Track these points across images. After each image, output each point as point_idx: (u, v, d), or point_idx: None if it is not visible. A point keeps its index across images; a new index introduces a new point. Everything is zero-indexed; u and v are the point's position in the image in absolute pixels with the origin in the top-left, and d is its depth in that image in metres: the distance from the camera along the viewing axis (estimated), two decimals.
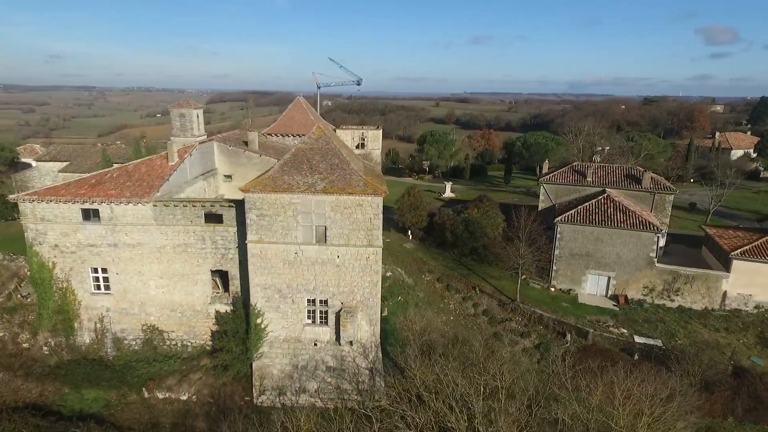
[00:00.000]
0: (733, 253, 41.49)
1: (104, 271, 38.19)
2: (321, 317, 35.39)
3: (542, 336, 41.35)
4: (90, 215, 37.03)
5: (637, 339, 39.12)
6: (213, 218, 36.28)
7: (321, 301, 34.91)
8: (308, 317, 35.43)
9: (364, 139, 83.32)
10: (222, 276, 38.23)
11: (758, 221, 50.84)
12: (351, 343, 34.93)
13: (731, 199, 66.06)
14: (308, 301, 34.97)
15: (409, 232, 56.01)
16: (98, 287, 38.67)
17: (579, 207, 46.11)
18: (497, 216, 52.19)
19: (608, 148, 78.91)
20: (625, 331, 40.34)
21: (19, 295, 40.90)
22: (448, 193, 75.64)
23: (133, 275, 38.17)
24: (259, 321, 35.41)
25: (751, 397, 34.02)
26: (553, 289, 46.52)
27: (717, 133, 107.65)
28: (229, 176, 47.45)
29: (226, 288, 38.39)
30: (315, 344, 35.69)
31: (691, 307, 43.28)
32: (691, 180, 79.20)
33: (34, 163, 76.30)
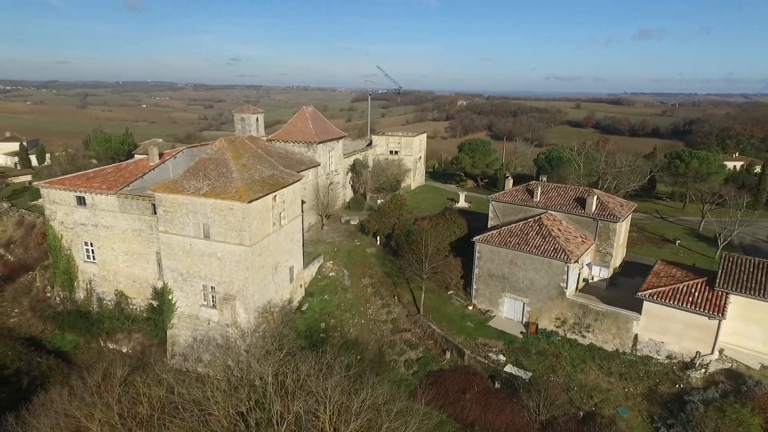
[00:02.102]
0: (640, 294, 37.47)
1: (91, 245, 49.59)
2: (213, 301, 41.95)
3: (428, 350, 42.36)
4: (81, 201, 48.51)
5: (507, 368, 38.11)
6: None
7: (211, 287, 41.47)
8: (204, 299, 42.26)
9: (398, 146, 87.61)
10: None
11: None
12: (228, 325, 40.86)
13: None
14: (203, 286, 41.79)
15: (377, 238, 59.23)
16: (88, 257, 50.28)
17: (502, 228, 45.24)
18: (447, 229, 52.80)
19: None
20: (504, 358, 39.40)
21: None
22: (461, 203, 75.78)
23: (108, 250, 48.93)
24: (170, 297, 43.32)
25: None
26: (471, 308, 46.37)
27: None
28: None
29: None
30: (209, 323, 42.43)
31: (602, 346, 39.96)
32: None
33: (136, 157, 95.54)
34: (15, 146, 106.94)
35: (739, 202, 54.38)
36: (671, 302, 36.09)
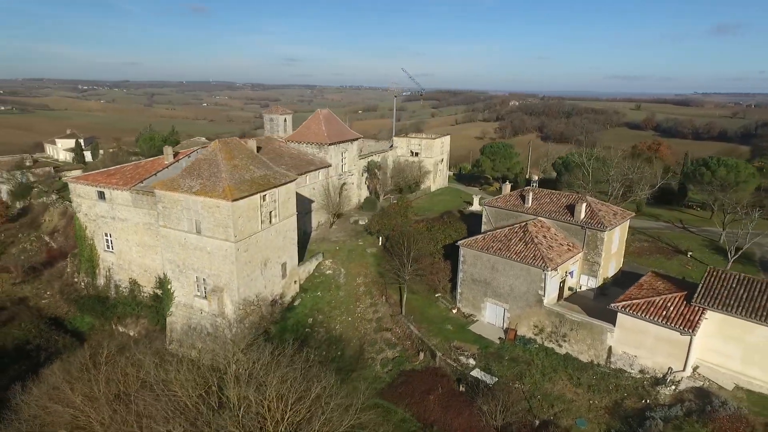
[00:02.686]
0: (613, 305, 36.57)
1: (110, 236, 54.03)
2: (204, 292, 44.82)
3: (405, 350, 43.24)
4: (101, 196, 52.98)
5: (474, 372, 38.36)
6: None
7: (203, 279, 44.35)
8: (197, 290, 45.23)
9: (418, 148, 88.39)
10: None
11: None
12: (216, 315, 43.55)
13: None
14: (196, 277, 44.76)
15: (380, 238, 60.48)
16: (107, 247, 54.78)
17: (487, 233, 45.29)
18: (442, 232, 53.28)
19: None
20: (473, 362, 39.65)
21: None
22: (475, 206, 75.31)
23: (124, 241, 53.14)
24: (169, 287, 46.67)
25: None
26: (455, 311, 46.72)
27: None
28: None
29: None
30: (201, 312, 45.38)
31: (578, 357, 39.28)
32: None
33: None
34: (73, 143, 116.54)
35: (751, 212, 51.11)
36: (643, 315, 35.10)
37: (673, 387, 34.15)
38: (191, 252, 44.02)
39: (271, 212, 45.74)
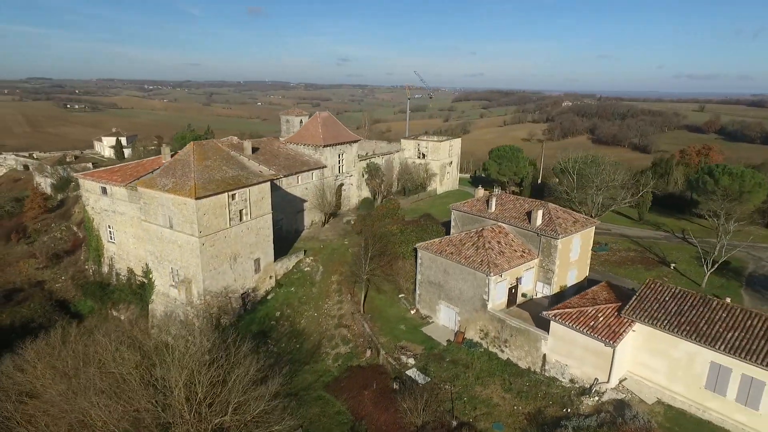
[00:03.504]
0: (545, 313, 36.45)
1: (111, 228, 59.07)
2: (177, 282, 48.38)
3: (356, 347, 44.83)
4: (104, 191, 58.05)
5: (409, 372, 39.39)
6: None
7: (176, 270, 47.92)
8: (172, 280, 48.89)
9: (425, 150, 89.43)
10: None
11: None
12: (185, 304, 46.97)
13: None
14: (171, 268, 48.41)
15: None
16: (110, 238, 59.89)
17: (444, 237, 45.98)
18: (414, 234, 54.27)
19: None
20: (413, 362, 40.66)
21: None
22: None
23: (122, 233, 57.97)
24: (150, 276, 50.71)
25: None
26: (414, 312, 47.74)
27: None
28: None
29: None
30: (175, 301, 48.99)
31: (517, 363, 39.40)
32: None
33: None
34: (115, 141, 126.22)
35: (727, 222, 48.54)
36: (571, 324, 34.92)
37: (597, 398, 33.81)
38: (166, 245, 47.73)
39: (241, 210, 48.63)
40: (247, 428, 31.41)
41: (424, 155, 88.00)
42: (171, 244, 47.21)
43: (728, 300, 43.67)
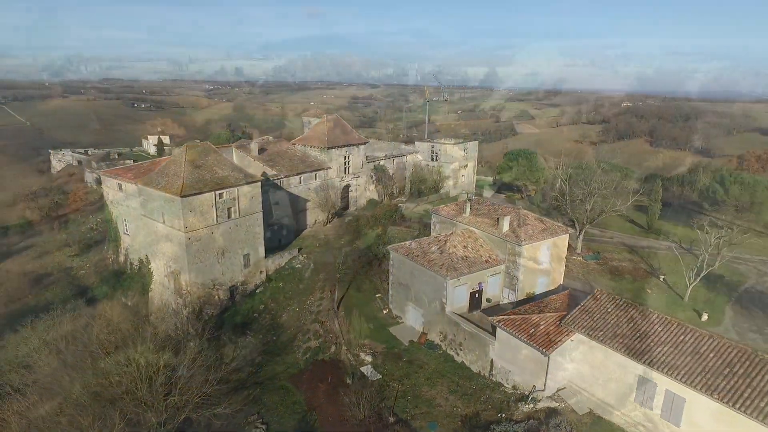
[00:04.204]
0: (492, 318, 36.70)
1: (126, 221, 64.21)
2: (170, 272, 52.20)
3: (325, 342, 46.73)
4: (120, 187, 63.24)
5: (363, 368, 40.78)
6: None
7: (168, 262, 51.73)
8: (165, 270, 52.79)
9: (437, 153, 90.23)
10: None
11: None
12: (174, 294, 50.65)
13: None
14: (165, 260, 52.32)
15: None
16: (125, 230, 65.11)
17: (414, 240, 46.95)
18: (394, 235, 55.47)
19: None
20: (370, 359, 42.00)
21: None
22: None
23: (135, 226, 62.87)
24: (150, 266, 54.95)
25: None
26: (386, 312, 49.01)
27: None
28: None
29: None
30: (168, 290, 52.86)
31: (470, 366, 39.85)
32: None
33: None
34: (163, 139, 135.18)
35: (715, 230, 46.21)
36: (512, 331, 35.15)
37: (532, 405, 33.90)
38: (160, 238, 51.70)
39: (230, 208, 51.79)
40: (193, 407, 34.22)
41: (437, 158, 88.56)
42: (164, 237, 51.10)
43: (706, 316, 42.46)
